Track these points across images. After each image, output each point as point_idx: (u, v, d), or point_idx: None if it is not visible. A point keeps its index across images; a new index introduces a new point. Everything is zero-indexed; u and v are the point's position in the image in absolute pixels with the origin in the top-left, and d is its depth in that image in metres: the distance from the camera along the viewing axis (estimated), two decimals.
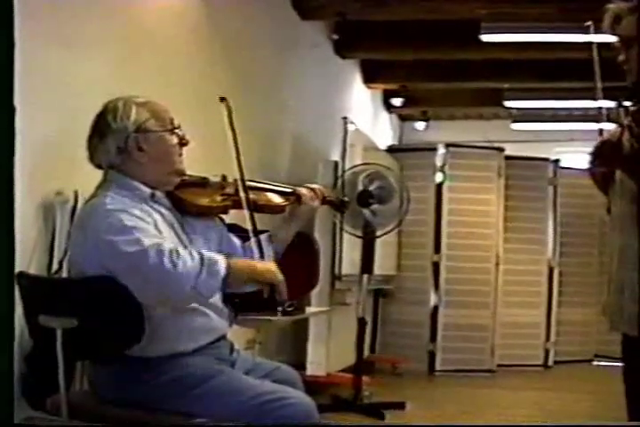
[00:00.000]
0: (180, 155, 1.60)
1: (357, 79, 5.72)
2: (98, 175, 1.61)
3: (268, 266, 1.49)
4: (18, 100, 1.26)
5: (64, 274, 1.95)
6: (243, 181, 1.61)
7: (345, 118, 4.02)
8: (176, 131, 1.58)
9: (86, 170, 1.62)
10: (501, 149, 5.13)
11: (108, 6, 2.23)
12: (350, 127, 4.01)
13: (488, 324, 4.90)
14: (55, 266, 1.97)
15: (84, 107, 2.03)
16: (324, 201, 1.82)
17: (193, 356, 1.48)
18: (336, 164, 4.07)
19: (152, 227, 1.46)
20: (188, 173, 1.64)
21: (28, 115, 1.41)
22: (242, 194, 1.60)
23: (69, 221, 1.97)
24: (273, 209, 1.72)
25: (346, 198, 2.02)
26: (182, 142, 1.60)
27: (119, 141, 1.53)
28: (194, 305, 1.50)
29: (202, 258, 1.40)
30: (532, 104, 6.14)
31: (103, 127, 1.54)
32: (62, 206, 1.97)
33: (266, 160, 3.40)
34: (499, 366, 4.89)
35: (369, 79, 5.83)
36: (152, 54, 2.54)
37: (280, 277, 1.47)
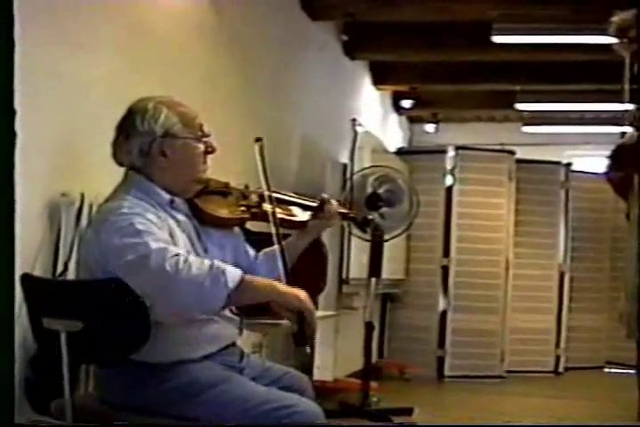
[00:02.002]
0: (205, 162, 1.57)
1: (367, 81, 5.71)
2: (106, 177, 1.61)
3: (296, 291, 1.38)
4: (20, 102, 1.26)
5: (69, 276, 1.95)
6: (270, 191, 1.58)
7: (354, 120, 4.02)
8: (203, 139, 1.55)
9: (93, 171, 1.62)
10: (512, 152, 5.12)
11: (110, 5, 2.23)
12: (359, 129, 4.01)
13: (497, 329, 4.88)
14: (60, 268, 1.97)
15: (89, 107, 2.04)
16: (346, 217, 1.80)
17: (200, 363, 1.47)
18: (345, 166, 4.06)
19: (165, 233, 1.43)
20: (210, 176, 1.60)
21: (32, 116, 1.41)
22: (268, 208, 1.57)
23: (75, 223, 1.98)
24: (295, 225, 1.69)
25: (370, 216, 1.99)
26: (208, 151, 1.57)
27: (143, 144, 1.50)
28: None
29: (211, 267, 1.34)
30: (544, 106, 6.12)
31: (129, 128, 1.51)
32: (68, 208, 1.97)
33: (273, 162, 3.38)
34: (508, 372, 4.87)
35: (378, 80, 5.82)
36: (157, 55, 2.54)
37: (310, 305, 1.37)
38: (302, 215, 1.70)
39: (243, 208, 1.61)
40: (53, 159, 1.93)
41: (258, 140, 1.58)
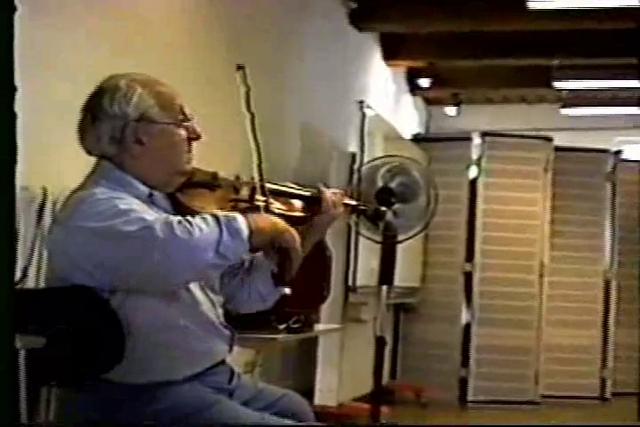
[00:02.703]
0: (188, 151, 1.56)
1: (377, 55, 5.72)
2: (73, 170, 1.61)
3: (289, 227, 1.47)
4: None
5: (29, 284, 1.95)
6: (262, 181, 1.58)
7: (362, 102, 4.02)
8: (185, 123, 1.54)
9: (60, 162, 1.62)
10: (549, 139, 5.13)
11: None
12: (368, 113, 4.02)
13: (531, 346, 4.89)
14: (18, 274, 1.98)
15: (61, 93, 2.04)
16: (354, 209, 1.80)
17: (183, 384, 1.47)
18: (352, 156, 4.07)
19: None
20: (196, 166, 1.59)
21: None
22: (261, 201, 1.57)
23: (36, 222, 1.98)
24: (294, 221, 1.66)
25: (383, 208, 2.00)
26: (192, 137, 1.56)
27: (114, 130, 1.49)
28: (186, 325, 1.49)
29: (218, 219, 1.38)
30: (587, 84, 6.11)
31: (96, 109, 1.50)
32: (28, 205, 1.98)
33: (270, 153, 3.40)
34: (544, 397, 4.89)
35: (390, 55, 5.83)
36: (141, 30, 2.56)
37: (298, 245, 1.47)
38: (301, 210, 1.70)
39: (233, 202, 1.61)
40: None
41: (239, 67, 1.59)
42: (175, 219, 1.37)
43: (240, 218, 1.40)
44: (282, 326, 2.47)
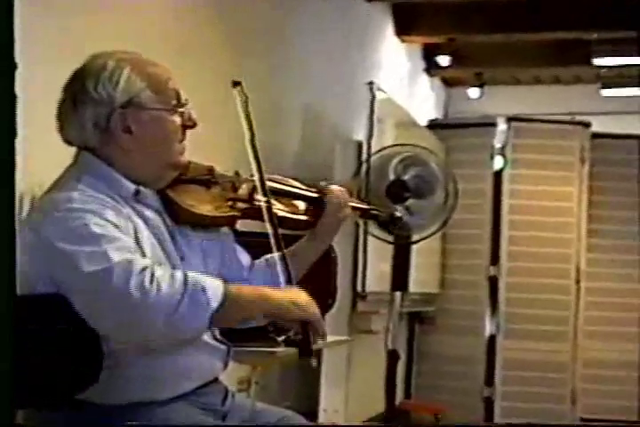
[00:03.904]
0: (182, 141, 1.56)
1: (388, 30, 5.73)
2: (52, 162, 1.62)
3: (294, 296, 1.45)
4: None
5: None
6: (263, 185, 1.58)
7: (371, 84, 4.05)
8: (180, 109, 1.54)
9: (35, 154, 1.63)
10: (586, 124, 5.14)
11: None
12: (378, 95, 4.04)
13: (566, 362, 4.91)
14: None
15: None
16: (365, 214, 1.82)
17: (169, 405, 1.49)
18: (359, 145, 4.10)
19: (129, 237, 1.44)
20: (189, 159, 1.60)
21: None
22: (262, 201, 1.58)
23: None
24: (298, 225, 1.70)
25: (398, 213, 2.02)
26: (187, 124, 1.56)
27: (99, 117, 1.48)
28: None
29: (185, 282, 1.36)
30: (632, 61, 6.09)
31: (78, 92, 1.50)
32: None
33: (268, 141, 3.41)
34: (583, 420, 4.89)
35: (404, 30, 5.84)
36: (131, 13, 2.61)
37: (314, 309, 1.46)
38: (307, 212, 1.71)
39: (232, 202, 1.61)
40: None
41: (236, 84, 1.57)
42: (139, 266, 1.36)
43: (213, 287, 1.37)
44: (281, 339, 2.50)
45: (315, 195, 1.72)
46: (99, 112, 1.49)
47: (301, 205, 1.71)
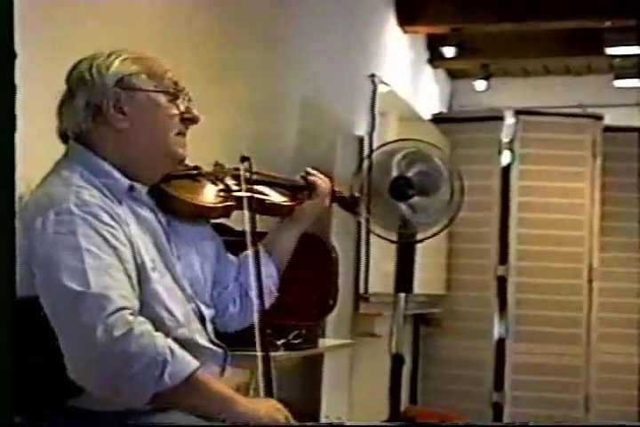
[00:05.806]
0: (181, 133, 1.58)
1: (391, 20, 5.74)
2: (47, 157, 1.63)
3: (262, 411, 1.45)
4: None
5: None
6: (248, 170, 1.66)
7: (373, 76, 4.05)
8: (178, 99, 1.57)
9: (29, 147, 1.64)
10: (599, 117, 5.14)
11: None
12: (381, 88, 4.04)
13: (579, 365, 4.91)
14: None
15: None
16: (334, 197, 1.86)
17: (164, 413, 1.49)
18: (361, 140, 4.10)
19: (127, 249, 1.45)
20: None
21: None
22: (243, 190, 1.65)
23: None
24: (281, 210, 1.76)
25: (357, 194, 2.07)
26: (187, 117, 1.58)
27: (91, 97, 1.51)
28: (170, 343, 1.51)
29: (155, 346, 1.37)
30: None
31: (75, 79, 1.54)
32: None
33: (264, 136, 3.42)
34: None
35: (407, 20, 5.85)
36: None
37: (281, 416, 1.47)
38: (286, 198, 1.80)
39: (224, 193, 1.66)
40: None
41: (245, 159, 1.64)
42: (113, 306, 1.36)
43: (182, 364, 1.39)
44: (280, 342, 2.51)
45: (302, 182, 1.81)
46: (92, 92, 1.52)
47: (284, 193, 1.80)
